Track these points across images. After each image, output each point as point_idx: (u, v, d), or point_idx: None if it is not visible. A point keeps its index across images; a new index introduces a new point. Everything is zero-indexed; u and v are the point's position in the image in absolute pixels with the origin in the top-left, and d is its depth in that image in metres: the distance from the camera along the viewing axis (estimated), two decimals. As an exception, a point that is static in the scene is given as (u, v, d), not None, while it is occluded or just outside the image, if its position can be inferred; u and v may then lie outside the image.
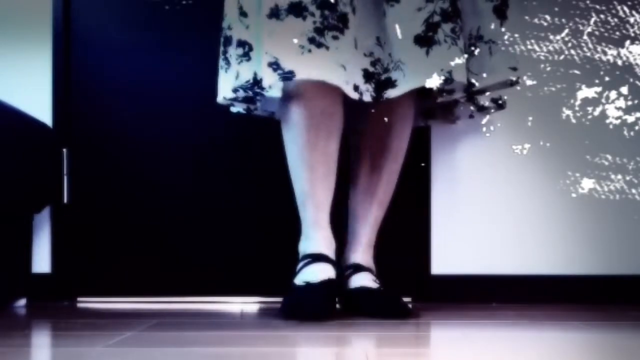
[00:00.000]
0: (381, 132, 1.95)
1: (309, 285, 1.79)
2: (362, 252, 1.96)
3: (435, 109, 2.08)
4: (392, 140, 1.95)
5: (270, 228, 2.18)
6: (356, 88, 1.75)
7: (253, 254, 2.19)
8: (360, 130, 1.99)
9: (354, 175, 2.00)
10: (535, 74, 2.16)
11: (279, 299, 2.06)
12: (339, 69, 1.72)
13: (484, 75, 1.86)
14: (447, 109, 2.06)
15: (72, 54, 2.20)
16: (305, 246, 1.88)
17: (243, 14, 1.82)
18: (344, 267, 1.94)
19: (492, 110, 2.03)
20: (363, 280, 1.90)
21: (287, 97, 1.86)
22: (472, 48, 1.85)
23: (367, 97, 1.76)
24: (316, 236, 1.86)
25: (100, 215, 2.20)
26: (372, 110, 1.92)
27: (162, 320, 1.79)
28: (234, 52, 1.84)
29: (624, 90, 2.15)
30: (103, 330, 1.63)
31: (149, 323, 1.73)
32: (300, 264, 1.86)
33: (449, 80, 1.74)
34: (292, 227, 1.98)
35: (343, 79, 1.72)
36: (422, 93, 1.93)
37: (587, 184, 2.16)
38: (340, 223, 2.00)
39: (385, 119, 1.93)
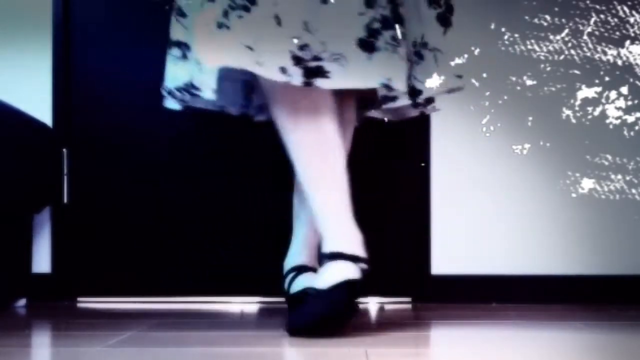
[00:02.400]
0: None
1: (316, 294, 1.62)
2: (304, 252, 1.91)
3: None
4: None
5: (270, 228, 2.18)
6: (283, 70, 1.61)
7: (253, 254, 2.19)
8: None
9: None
10: (535, 74, 2.16)
11: (279, 299, 2.07)
12: (245, 51, 1.60)
13: (429, 82, 1.81)
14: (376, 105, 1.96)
15: (72, 53, 2.20)
16: (323, 244, 1.68)
17: (181, 14, 1.76)
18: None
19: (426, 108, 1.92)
20: (304, 282, 1.85)
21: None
22: (417, 56, 1.80)
23: (296, 81, 1.61)
24: (332, 230, 1.68)
25: (100, 215, 2.20)
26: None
27: (162, 320, 1.79)
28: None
29: (624, 90, 2.15)
30: (103, 330, 1.63)
31: (149, 323, 1.73)
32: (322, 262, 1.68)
33: (388, 87, 1.66)
34: (292, 227, 1.98)
35: (250, 59, 1.60)
36: (363, 99, 1.90)
37: (587, 184, 2.16)
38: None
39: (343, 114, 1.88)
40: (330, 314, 1.57)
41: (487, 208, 2.18)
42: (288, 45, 1.62)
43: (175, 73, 1.78)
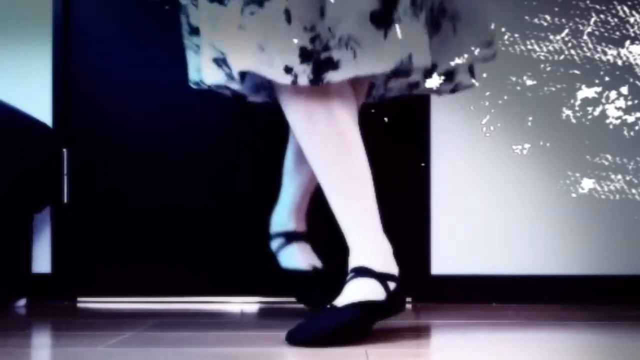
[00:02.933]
0: None
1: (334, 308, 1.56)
2: (293, 216, 1.88)
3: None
4: None
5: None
6: (289, 70, 1.47)
7: (253, 254, 2.19)
8: None
9: (290, 138, 1.86)
10: (535, 74, 2.16)
11: (279, 299, 2.07)
12: (256, 50, 1.47)
13: (449, 55, 1.62)
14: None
15: (72, 53, 2.20)
16: (352, 257, 1.62)
17: None
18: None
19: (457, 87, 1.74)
20: (295, 260, 1.87)
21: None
22: (432, 26, 1.59)
23: (302, 80, 1.47)
24: (362, 244, 1.62)
25: (100, 215, 2.20)
26: None
27: (162, 320, 1.79)
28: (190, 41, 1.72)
29: (624, 90, 2.15)
30: (103, 330, 1.63)
31: (149, 323, 1.73)
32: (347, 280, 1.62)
33: (405, 63, 1.48)
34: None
35: (259, 60, 1.48)
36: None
37: (587, 184, 2.16)
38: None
39: None
40: (334, 333, 1.48)
41: (487, 208, 2.18)
42: (300, 38, 1.47)
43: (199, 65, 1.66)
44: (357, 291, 1.52)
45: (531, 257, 2.17)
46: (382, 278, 1.54)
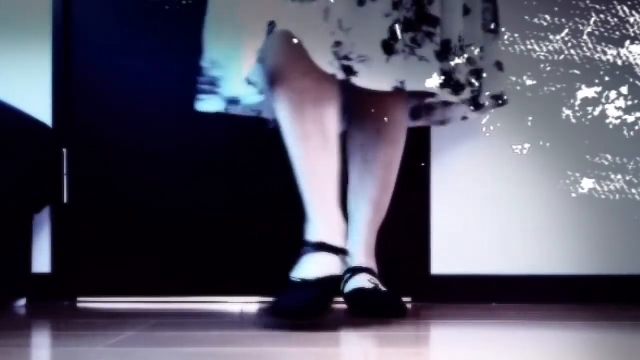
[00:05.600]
0: (372, 137, 1.94)
1: (304, 283, 1.65)
2: (361, 253, 1.92)
3: (420, 110, 2.06)
4: (384, 145, 1.94)
5: (270, 228, 2.18)
6: (331, 63, 1.66)
7: (253, 254, 2.19)
8: (351, 134, 1.97)
9: (350, 177, 1.96)
10: (535, 74, 2.16)
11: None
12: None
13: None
14: (431, 110, 2.05)
15: (72, 54, 2.20)
16: (308, 231, 1.72)
17: None
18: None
19: (492, 109, 1.99)
20: (359, 282, 1.87)
21: (270, 82, 1.77)
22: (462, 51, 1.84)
23: (340, 75, 1.67)
24: (318, 219, 1.71)
25: (100, 215, 2.20)
26: (367, 110, 1.93)
27: (162, 320, 1.79)
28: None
29: (624, 90, 2.15)
30: (103, 330, 1.63)
31: (149, 323, 1.73)
32: (302, 253, 1.70)
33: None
34: (293, 227, 1.98)
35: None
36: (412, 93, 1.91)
37: (587, 184, 2.16)
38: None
39: (384, 118, 1.93)
40: (300, 311, 1.63)
41: (487, 208, 2.18)
42: (328, 39, 1.66)
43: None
44: (320, 266, 1.67)
45: (531, 257, 2.17)
46: (337, 252, 1.70)
